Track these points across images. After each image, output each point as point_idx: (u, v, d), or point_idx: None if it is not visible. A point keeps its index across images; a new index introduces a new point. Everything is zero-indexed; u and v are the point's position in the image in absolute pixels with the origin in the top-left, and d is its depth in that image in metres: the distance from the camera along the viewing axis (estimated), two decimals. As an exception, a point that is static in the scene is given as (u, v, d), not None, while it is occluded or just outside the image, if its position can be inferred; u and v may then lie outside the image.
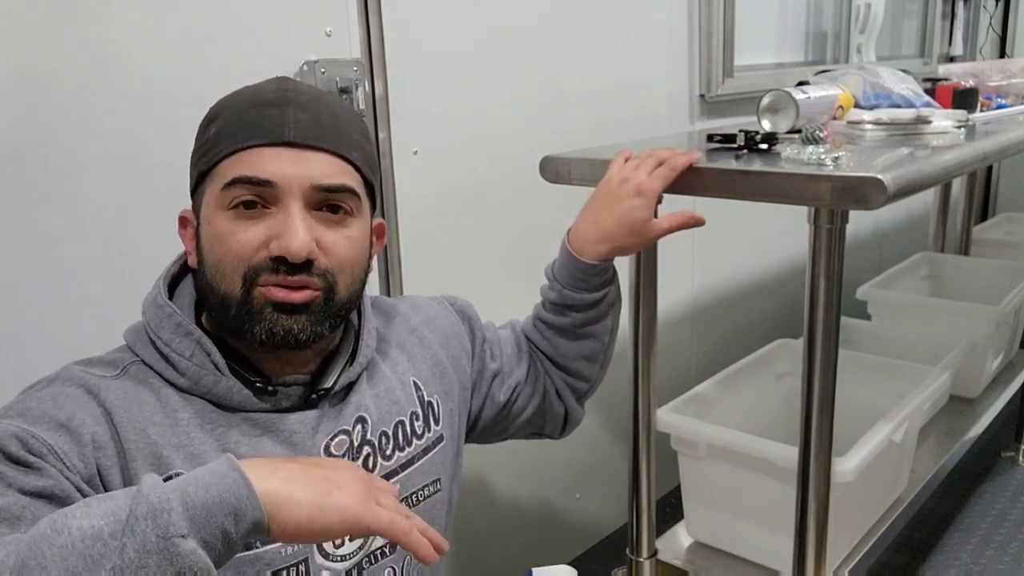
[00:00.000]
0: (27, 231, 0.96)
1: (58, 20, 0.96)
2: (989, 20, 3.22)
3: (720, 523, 1.36)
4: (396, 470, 0.86)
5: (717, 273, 2.10)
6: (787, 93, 1.23)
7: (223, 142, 0.75)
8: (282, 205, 0.74)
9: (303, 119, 0.75)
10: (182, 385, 0.75)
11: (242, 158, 0.74)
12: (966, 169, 1.11)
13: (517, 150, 1.49)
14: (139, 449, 0.71)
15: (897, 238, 2.83)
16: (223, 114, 0.77)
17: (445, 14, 1.37)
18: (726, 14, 1.88)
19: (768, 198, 0.98)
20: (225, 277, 0.74)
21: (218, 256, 0.74)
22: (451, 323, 1.00)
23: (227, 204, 0.74)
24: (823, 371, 1.03)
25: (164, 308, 0.76)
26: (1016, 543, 1.84)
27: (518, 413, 1.05)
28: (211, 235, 0.75)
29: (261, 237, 0.73)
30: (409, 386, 0.90)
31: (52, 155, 0.97)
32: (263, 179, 0.73)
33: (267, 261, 0.73)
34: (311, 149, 0.75)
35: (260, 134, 0.74)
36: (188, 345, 0.75)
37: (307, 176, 0.74)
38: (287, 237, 0.72)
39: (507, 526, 1.66)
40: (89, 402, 0.71)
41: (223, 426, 0.75)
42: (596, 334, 1.05)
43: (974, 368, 1.77)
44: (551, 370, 1.07)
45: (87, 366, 0.75)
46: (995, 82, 1.68)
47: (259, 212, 0.74)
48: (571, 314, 1.02)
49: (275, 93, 0.76)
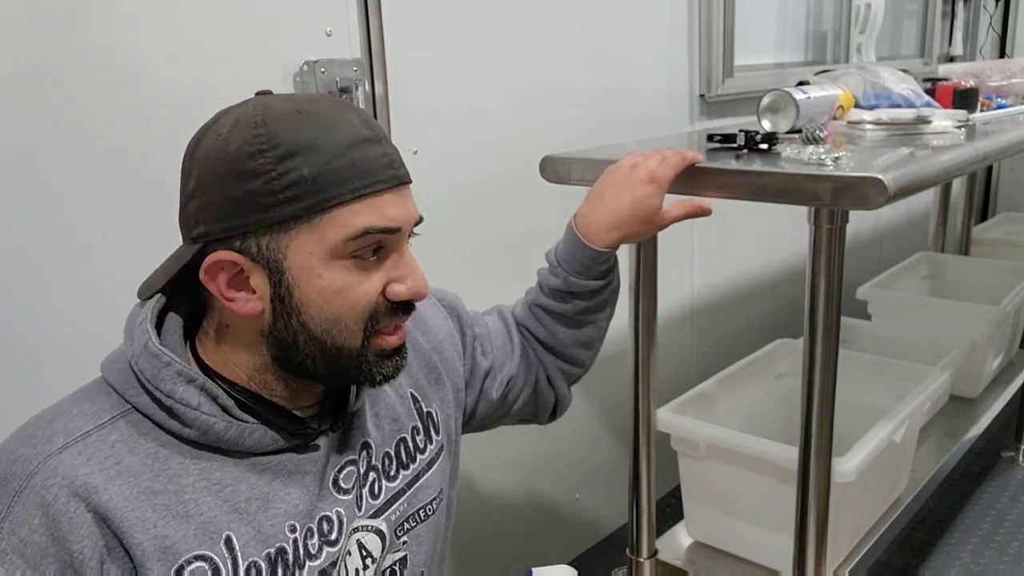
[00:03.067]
0: (26, 232, 0.96)
1: (58, 20, 0.96)
2: (989, 20, 3.22)
3: (720, 523, 1.35)
4: (403, 489, 0.84)
5: (717, 273, 2.10)
6: (787, 93, 1.23)
7: (333, 188, 0.67)
8: (397, 247, 0.72)
9: (395, 153, 0.72)
10: (187, 436, 0.69)
11: (363, 207, 0.69)
12: (966, 169, 1.11)
13: (517, 150, 1.49)
14: (144, 550, 0.66)
15: (897, 238, 2.83)
16: (314, 153, 0.67)
17: (445, 14, 1.37)
18: (726, 14, 1.88)
19: (768, 198, 0.98)
20: (346, 331, 0.71)
21: (339, 311, 0.70)
22: (440, 322, 0.97)
23: (349, 254, 0.69)
24: (823, 371, 1.03)
25: (160, 357, 0.68)
26: (1016, 543, 1.84)
27: (511, 404, 1.03)
28: (326, 289, 0.69)
29: (382, 283, 0.72)
30: (407, 399, 0.88)
31: (51, 155, 0.97)
32: (394, 227, 0.70)
33: (386, 306, 0.72)
34: (406, 184, 0.73)
35: (380, 178, 0.70)
36: (192, 393, 0.69)
37: (411, 215, 0.73)
38: (415, 280, 0.72)
39: (507, 526, 1.66)
40: (81, 513, 0.64)
41: (230, 485, 0.71)
42: (596, 321, 1.03)
43: (974, 368, 1.77)
44: (545, 357, 1.05)
45: (66, 427, 0.67)
46: (995, 82, 1.68)
47: (375, 259, 0.71)
48: (574, 301, 1.00)
49: (363, 127, 0.71)
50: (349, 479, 0.78)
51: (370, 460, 0.81)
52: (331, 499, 0.76)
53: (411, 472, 0.85)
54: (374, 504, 0.80)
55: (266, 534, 0.71)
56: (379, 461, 0.82)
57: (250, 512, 0.71)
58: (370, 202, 0.69)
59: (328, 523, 0.75)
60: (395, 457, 0.84)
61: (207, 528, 0.68)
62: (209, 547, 0.68)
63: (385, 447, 0.83)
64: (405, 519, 0.83)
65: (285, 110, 0.69)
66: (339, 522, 0.76)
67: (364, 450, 0.80)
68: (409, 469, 0.85)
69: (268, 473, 0.72)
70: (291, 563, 0.72)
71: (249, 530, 0.70)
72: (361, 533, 0.78)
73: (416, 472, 0.86)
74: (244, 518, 0.70)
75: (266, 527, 0.71)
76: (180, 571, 0.66)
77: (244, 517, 0.70)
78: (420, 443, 0.87)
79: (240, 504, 0.70)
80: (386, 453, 0.83)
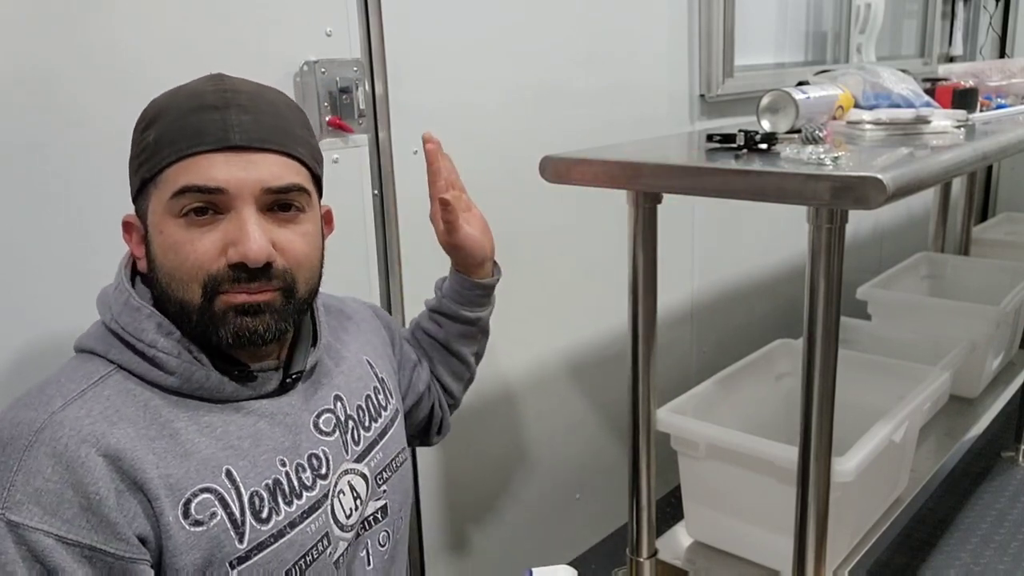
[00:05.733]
0: (27, 232, 0.96)
1: (58, 20, 0.96)
2: (989, 20, 3.22)
3: (720, 523, 1.36)
4: (376, 439, 0.91)
5: (717, 273, 2.10)
6: (787, 93, 1.23)
7: (165, 149, 0.73)
8: (235, 210, 0.73)
9: (246, 121, 0.74)
10: (170, 385, 0.74)
11: (188, 165, 0.73)
12: (966, 169, 1.11)
13: (517, 150, 1.49)
14: (156, 484, 0.70)
15: (897, 238, 2.83)
16: (161, 118, 0.74)
17: (445, 14, 1.38)
18: (726, 14, 1.88)
19: (768, 198, 0.98)
20: (183, 285, 0.74)
21: (173, 265, 0.74)
22: (372, 323, 1.03)
23: (177, 212, 0.73)
24: (823, 371, 1.04)
25: (141, 310, 0.75)
26: (1016, 543, 1.84)
27: (415, 421, 1.10)
28: (164, 244, 0.74)
29: (218, 244, 0.73)
30: (364, 364, 0.94)
31: (51, 155, 0.97)
32: (213, 187, 0.72)
33: (226, 270, 0.73)
34: (257, 151, 0.74)
35: (205, 140, 0.73)
36: (172, 343, 0.74)
37: (257, 179, 0.74)
38: (244, 243, 0.72)
39: (507, 526, 1.66)
40: (93, 457, 0.67)
41: (220, 425, 0.76)
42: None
43: (974, 368, 1.77)
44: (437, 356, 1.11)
45: (61, 390, 0.71)
46: (995, 82, 1.68)
47: (212, 219, 0.73)
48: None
49: (214, 95, 0.75)
50: (329, 424, 0.85)
51: (346, 410, 0.88)
52: (315, 439, 0.83)
53: (380, 424, 0.92)
54: (356, 450, 0.88)
55: (261, 467, 0.77)
56: (354, 412, 0.89)
57: (243, 448, 0.76)
58: (193, 161, 0.73)
59: (317, 460, 0.82)
60: (366, 409, 0.91)
61: (207, 464, 0.73)
62: (212, 480, 0.73)
63: (356, 400, 0.90)
64: (383, 468, 0.91)
65: (176, 87, 0.77)
66: (327, 459, 0.83)
67: (338, 401, 0.87)
68: (378, 422, 0.92)
69: (252, 415, 0.78)
70: (288, 492, 0.78)
71: (246, 463, 0.76)
72: (350, 475, 0.85)
73: (384, 425, 0.93)
74: (239, 453, 0.76)
75: (260, 461, 0.77)
76: (187, 504, 0.71)
77: (239, 452, 0.76)
78: (382, 401, 0.94)
79: (233, 442, 0.76)
80: (358, 406, 0.90)
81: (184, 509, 0.71)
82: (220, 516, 0.72)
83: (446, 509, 1.53)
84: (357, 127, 1.26)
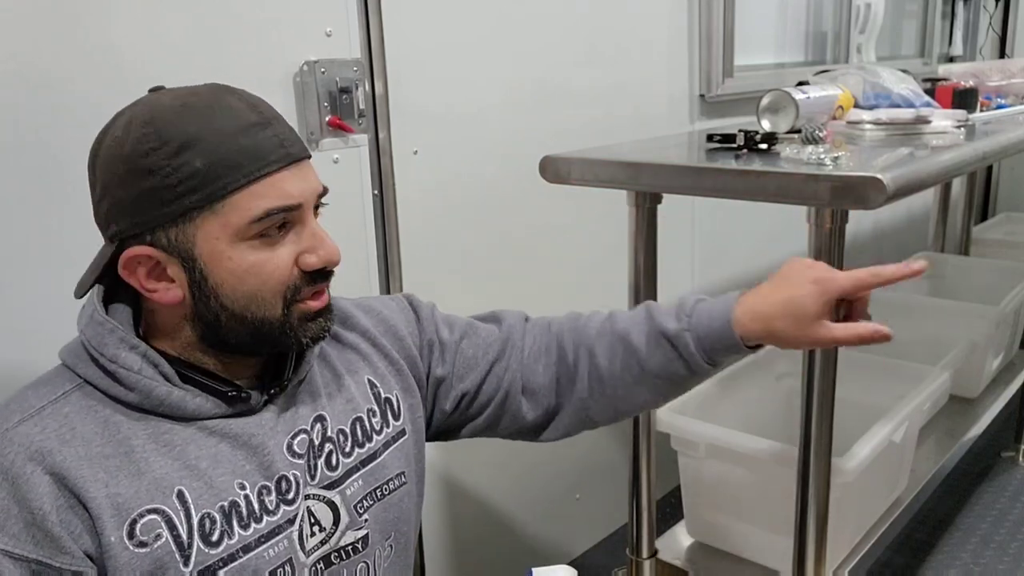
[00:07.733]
0: (28, 230, 0.96)
1: (58, 20, 0.96)
2: (989, 20, 3.22)
3: (720, 523, 1.36)
4: (356, 466, 0.87)
5: (717, 273, 2.10)
6: (787, 93, 1.23)
7: (228, 174, 0.71)
8: (301, 220, 0.76)
9: (289, 132, 0.76)
10: (131, 401, 0.74)
11: (261, 189, 0.72)
12: (966, 169, 1.11)
13: (517, 150, 1.49)
14: (99, 504, 0.70)
15: (897, 238, 2.83)
16: (201, 142, 0.71)
17: (445, 14, 1.38)
18: (726, 14, 1.88)
19: (768, 198, 0.98)
20: (266, 304, 0.75)
21: (254, 287, 0.74)
22: (405, 322, 0.97)
23: (253, 235, 0.73)
24: (823, 371, 1.04)
25: (105, 324, 0.74)
26: (1016, 543, 1.84)
27: (471, 417, 0.99)
28: (237, 269, 0.73)
29: (292, 256, 0.75)
30: (364, 385, 0.90)
31: (52, 155, 0.97)
32: (293, 204, 0.74)
33: (302, 277, 0.76)
34: (303, 160, 0.76)
35: (270, 159, 0.73)
36: (134, 359, 0.73)
37: (314, 188, 0.76)
38: (324, 248, 0.76)
39: (507, 526, 1.66)
40: (38, 475, 0.68)
41: (179, 444, 0.75)
42: (653, 390, 0.94)
43: (974, 368, 1.77)
44: (584, 385, 0.96)
45: (22, 406, 0.72)
46: (995, 82, 1.68)
47: (281, 234, 0.75)
48: (659, 354, 0.91)
49: (249, 111, 0.74)
50: (302, 446, 0.81)
51: (325, 432, 0.84)
52: (286, 462, 0.79)
53: (366, 451, 0.88)
54: (330, 476, 0.83)
55: (217, 488, 0.75)
56: (335, 435, 0.85)
57: (200, 468, 0.74)
58: (266, 183, 0.72)
59: (287, 483, 0.79)
60: (350, 434, 0.87)
61: (159, 484, 0.72)
62: (161, 500, 0.72)
63: (339, 424, 0.86)
64: (363, 496, 0.86)
65: (171, 106, 0.72)
66: (295, 483, 0.80)
67: (318, 423, 0.84)
68: (364, 447, 0.88)
69: (215, 436, 0.76)
70: (245, 516, 0.76)
71: (200, 485, 0.74)
72: (311, 501, 0.81)
73: (372, 451, 0.88)
74: (195, 474, 0.74)
75: (217, 482, 0.75)
76: (133, 524, 0.70)
77: (195, 473, 0.74)
78: (376, 425, 0.90)
79: (190, 461, 0.74)
80: (340, 429, 0.86)
81: (130, 529, 0.70)
82: (165, 538, 0.71)
83: (446, 509, 1.53)
84: (357, 127, 1.26)
